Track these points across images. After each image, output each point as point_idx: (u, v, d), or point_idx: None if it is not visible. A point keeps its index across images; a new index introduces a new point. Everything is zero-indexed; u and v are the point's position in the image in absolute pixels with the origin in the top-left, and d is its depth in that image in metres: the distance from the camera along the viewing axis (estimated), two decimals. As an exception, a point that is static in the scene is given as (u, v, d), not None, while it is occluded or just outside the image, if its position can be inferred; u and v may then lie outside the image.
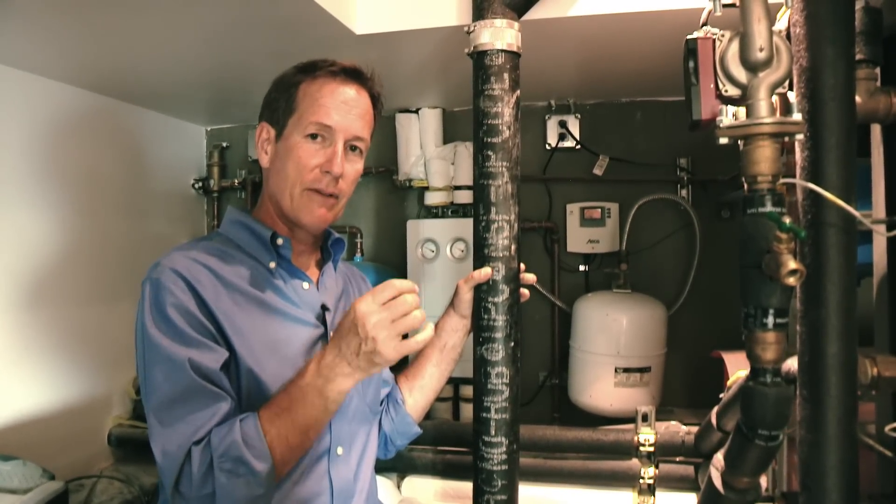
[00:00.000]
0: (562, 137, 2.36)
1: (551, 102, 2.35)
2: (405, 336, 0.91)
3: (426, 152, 2.41)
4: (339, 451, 1.06)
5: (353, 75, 1.08)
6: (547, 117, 2.38)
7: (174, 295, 0.94)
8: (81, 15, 1.41)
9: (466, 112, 2.42)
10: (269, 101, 1.10)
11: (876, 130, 1.16)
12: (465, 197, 2.36)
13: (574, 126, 2.36)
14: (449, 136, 2.44)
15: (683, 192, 2.30)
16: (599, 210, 2.31)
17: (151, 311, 0.94)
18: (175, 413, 0.91)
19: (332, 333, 1.08)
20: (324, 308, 1.09)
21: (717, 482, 1.01)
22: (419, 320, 0.91)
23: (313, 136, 1.04)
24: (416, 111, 2.41)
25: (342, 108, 1.04)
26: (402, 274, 2.41)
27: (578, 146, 2.35)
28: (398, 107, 2.42)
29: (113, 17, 1.43)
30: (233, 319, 0.98)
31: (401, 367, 1.32)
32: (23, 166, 1.82)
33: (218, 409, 0.92)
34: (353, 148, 1.08)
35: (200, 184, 2.63)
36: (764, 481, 1.43)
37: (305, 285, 1.09)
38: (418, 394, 1.29)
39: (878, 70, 1.02)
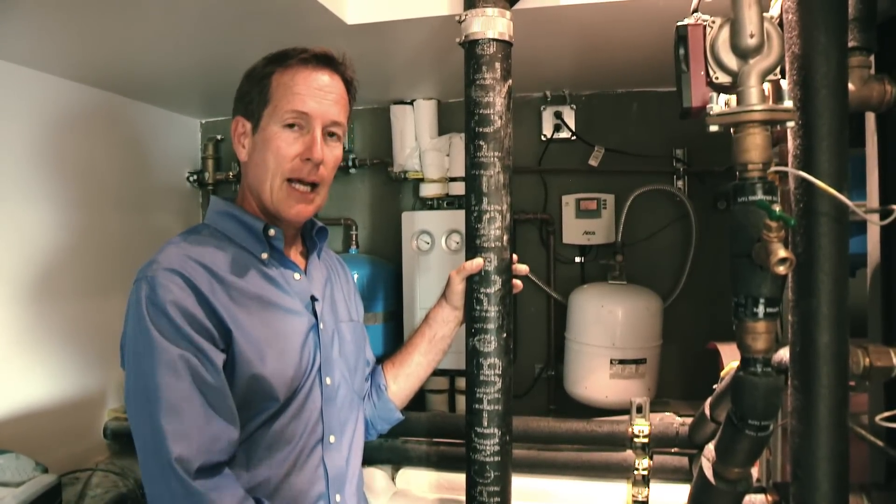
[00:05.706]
0: (557, 128, 2.35)
1: (547, 93, 2.34)
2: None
3: (421, 144, 2.39)
4: (332, 439, 1.06)
5: (326, 61, 1.07)
6: (542, 108, 2.37)
7: (172, 293, 0.92)
8: (77, 9, 1.40)
9: (462, 103, 2.39)
10: (242, 95, 1.09)
11: (870, 119, 1.15)
12: (460, 188, 2.34)
13: (570, 117, 2.35)
14: (444, 127, 2.43)
15: (680, 184, 2.29)
16: (595, 201, 2.31)
17: (149, 309, 0.91)
18: (185, 421, 0.89)
19: (321, 325, 1.08)
20: (313, 299, 1.09)
21: (709, 473, 1.01)
22: None
23: (290, 125, 1.03)
24: (411, 102, 2.40)
25: (317, 94, 1.04)
26: (398, 266, 2.40)
27: (574, 137, 2.34)
28: (393, 98, 2.40)
29: (107, 11, 1.42)
30: (233, 314, 0.97)
31: (388, 353, 1.32)
32: (19, 160, 1.81)
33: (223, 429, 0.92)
34: (331, 134, 1.07)
35: (195, 176, 2.62)
36: (756, 472, 1.43)
37: (297, 276, 1.08)
38: (403, 381, 1.28)
39: (871, 57, 1.01)
